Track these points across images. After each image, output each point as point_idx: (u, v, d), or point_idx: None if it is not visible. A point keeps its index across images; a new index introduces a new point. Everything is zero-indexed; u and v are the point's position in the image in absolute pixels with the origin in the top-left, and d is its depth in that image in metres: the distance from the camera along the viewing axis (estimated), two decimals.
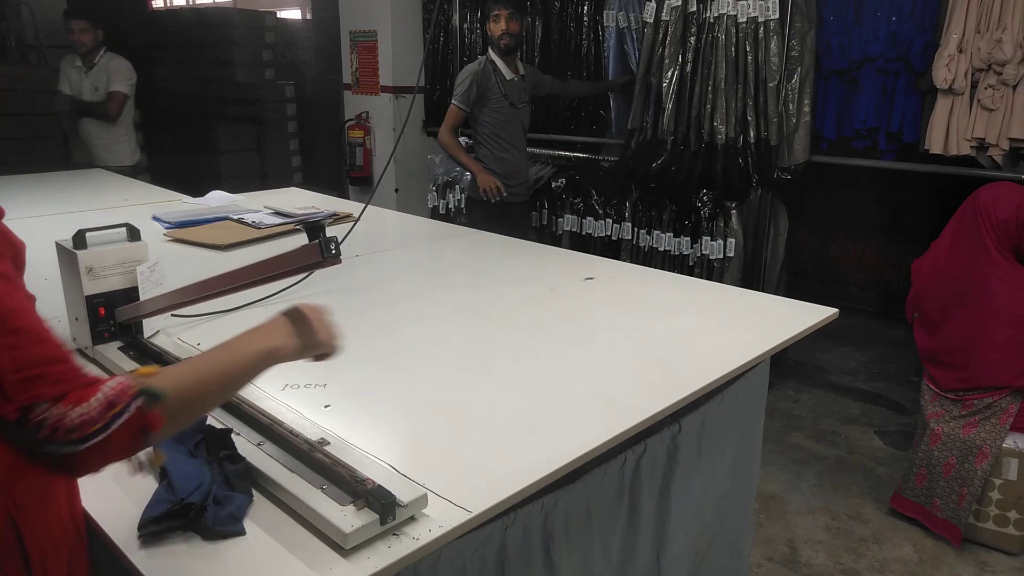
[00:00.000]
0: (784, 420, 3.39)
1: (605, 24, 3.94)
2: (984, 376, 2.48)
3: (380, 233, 2.78)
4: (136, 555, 0.94)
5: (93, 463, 0.78)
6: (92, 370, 1.46)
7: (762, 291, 2.70)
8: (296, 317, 1.00)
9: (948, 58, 2.86)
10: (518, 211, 3.73)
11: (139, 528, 0.96)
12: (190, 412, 0.89)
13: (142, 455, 0.86)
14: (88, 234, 1.44)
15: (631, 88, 3.91)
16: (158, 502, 0.97)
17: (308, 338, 0.99)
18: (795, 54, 3.22)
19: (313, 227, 1.08)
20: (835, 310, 1.84)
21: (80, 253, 1.42)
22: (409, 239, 2.81)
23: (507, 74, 3.55)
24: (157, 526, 0.96)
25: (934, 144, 2.97)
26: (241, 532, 0.98)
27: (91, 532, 1.00)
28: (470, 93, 3.47)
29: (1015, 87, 2.77)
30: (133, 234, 1.51)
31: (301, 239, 1.15)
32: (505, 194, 3.55)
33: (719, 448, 1.70)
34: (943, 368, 2.59)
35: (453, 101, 3.53)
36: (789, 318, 1.80)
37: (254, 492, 1.06)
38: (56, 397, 0.75)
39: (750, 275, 3.47)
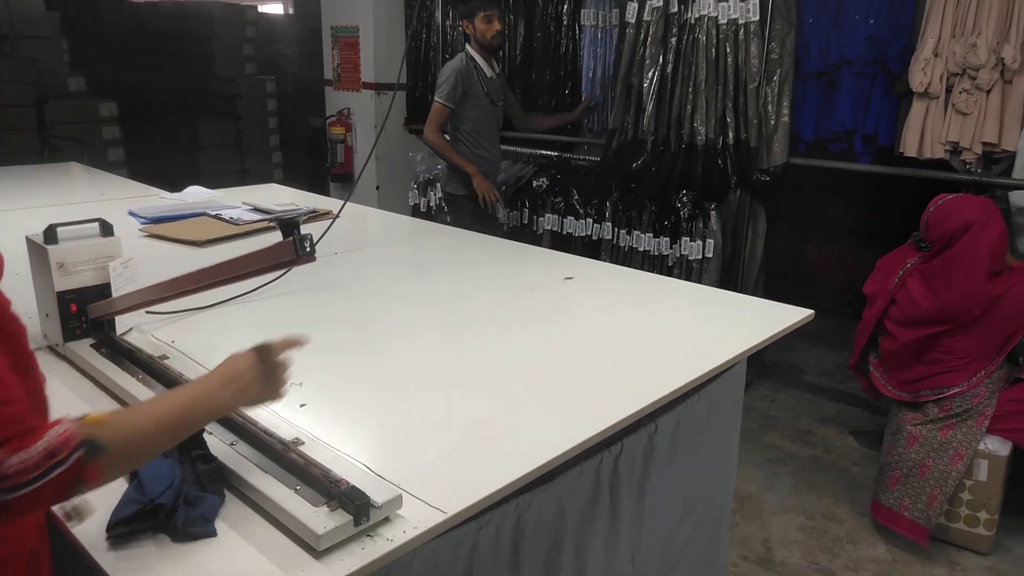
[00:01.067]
0: (760, 420, 3.42)
1: (582, 23, 3.95)
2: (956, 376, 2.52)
3: (360, 231, 2.76)
4: (104, 557, 0.92)
5: (19, 511, 0.76)
6: (63, 369, 1.44)
7: (740, 292, 2.71)
8: (247, 369, 0.99)
9: (924, 62, 2.89)
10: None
11: (107, 529, 0.94)
12: (130, 463, 0.88)
13: (72, 504, 0.87)
14: (59, 229, 1.42)
15: (589, 114, 3.98)
16: (127, 502, 0.96)
17: (254, 394, 0.99)
18: (775, 56, 3.24)
19: (287, 224, 1.07)
20: (811, 311, 1.85)
21: (51, 248, 1.40)
22: (389, 237, 2.79)
23: (487, 72, 3.54)
24: (126, 527, 0.94)
25: (909, 147, 3.01)
26: (212, 533, 0.97)
27: (58, 533, 0.98)
28: (456, 91, 3.43)
29: (989, 92, 2.81)
30: (106, 229, 1.49)
31: (280, 236, 1.13)
32: (500, 202, 3.52)
33: (695, 448, 1.71)
34: (953, 373, 2.60)
35: (438, 99, 3.46)
36: (766, 319, 1.81)
37: (226, 492, 1.05)
38: None
39: (728, 276, 3.49)
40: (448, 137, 3.63)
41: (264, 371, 0.99)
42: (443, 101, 3.45)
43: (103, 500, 1.01)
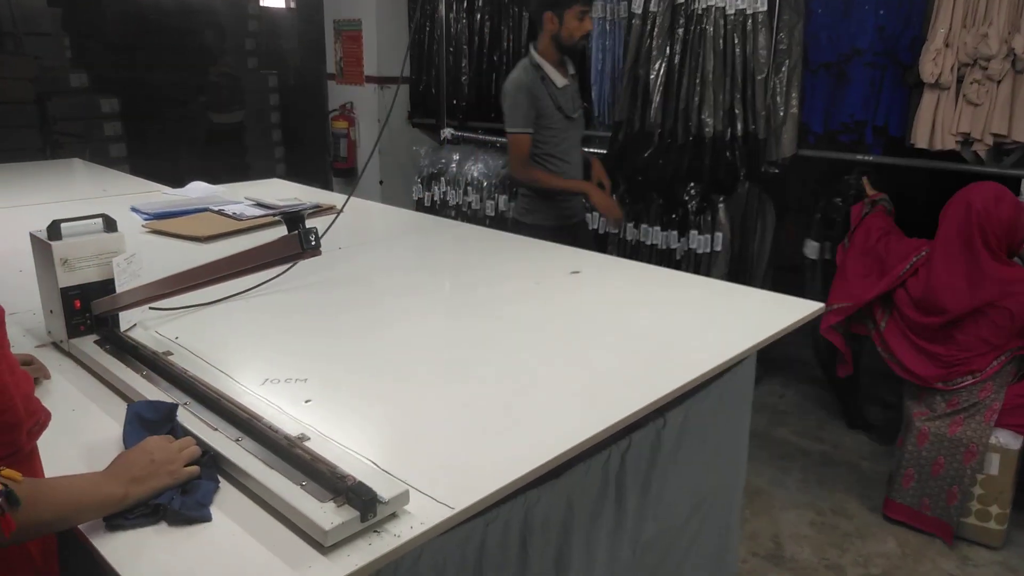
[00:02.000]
0: (770, 415, 3.40)
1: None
2: (970, 363, 2.51)
3: (364, 225, 2.75)
4: (107, 548, 0.92)
5: None
6: (67, 366, 1.43)
7: (749, 285, 2.69)
8: (133, 462, 0.99)
9: (935, 52, 2.86)
10: (583, 231, 3.22)
11: (105, 518, 0.95)
12: (31, 531, 0.86)
13: None
14: (63, 225, 1.42)
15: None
16: None
17: (151, 481, 0.98)
18: (783, 47, 3.21)
19: (293, 218, 1.05)
20: (822, 304, 1.84)
21: (55, 244, 1.39)
22: (393, 231, 2.78)
23: (558, 80, 2.91)
24: (124, 520, 0.95)
25: (920, 138, 2.97)
26: (207, 518, 0.97)
27: None
28: (530, 113, 2.86)
29: (999, 82, 2.77)
30: (109, 225, 1.48)
31: (282, 231, 1.12)
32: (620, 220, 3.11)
33: (704, 443, 1.69)
34: (937, 367, 2.60)
35: (513, 130, 2.89)
36: (776, 312, 1.79)
37: (235, 489, 1.04)
38: None
39: (737, 269, 3.47)
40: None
41: (154, 460, 1.00)
42: (520, 130, 2.87)
43: None
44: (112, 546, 0.93)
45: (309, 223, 1.12)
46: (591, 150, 3.94)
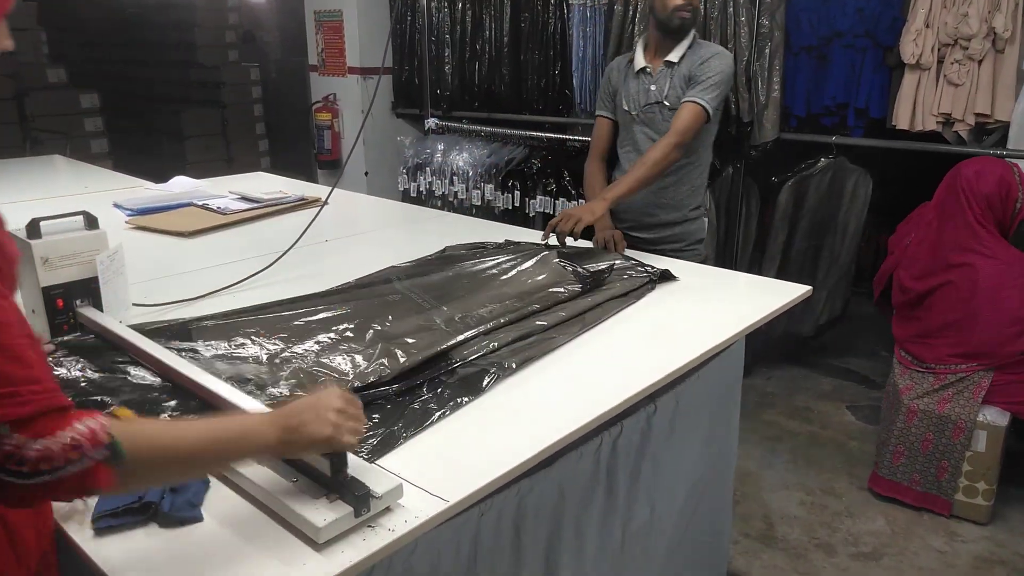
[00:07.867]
0: (758, 397, 3.42)
1: (570, 2, 3.90)
2: (965, 349, 2.52)
3: (350, 217, 2.73)
4: (97, 551, 0.91)
5: (30, 499, 0.73)
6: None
7: (735, 269, 2.70)
8: (304, 409, 0.90)
9: (915, 33, 2.86)
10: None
11: (93, 520, 0.94)
12: (143, 483, 0.84)
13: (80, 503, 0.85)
14: (43, 223, 1.40)
15: None
16: (114, 495, 0.95)
17: (309, 438, 0.90)
18: (764, 30, 3.21)
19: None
20: (809, 287, 1.85)
21: (34, 243, 1.38)
22: (380, 223, 2.76)
23: (638, 63, 2.47)
24: (114, 520, 0.94)
25: (901, 120, 2.99)
26: (198, 518, 0.97)
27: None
28: (604, 97, 2.61)
29: (980, 62, 2.79)
30: (91, 222, 1.46)
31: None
32: None
33: (695, 427, 1.70)
34: (924, 345, 2.62)
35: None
36: (764, 296, 1.80)
37: (226, 488, 1.04)
38: (21, 420, 0.69)
39: (723, 254, 3.48)
40: None
41: (322, 414, 0.90)
42: (597, 113, 2.63)
43: None
44: (101, 549, 0.92)
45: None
46: (572, 137, 3.94)
